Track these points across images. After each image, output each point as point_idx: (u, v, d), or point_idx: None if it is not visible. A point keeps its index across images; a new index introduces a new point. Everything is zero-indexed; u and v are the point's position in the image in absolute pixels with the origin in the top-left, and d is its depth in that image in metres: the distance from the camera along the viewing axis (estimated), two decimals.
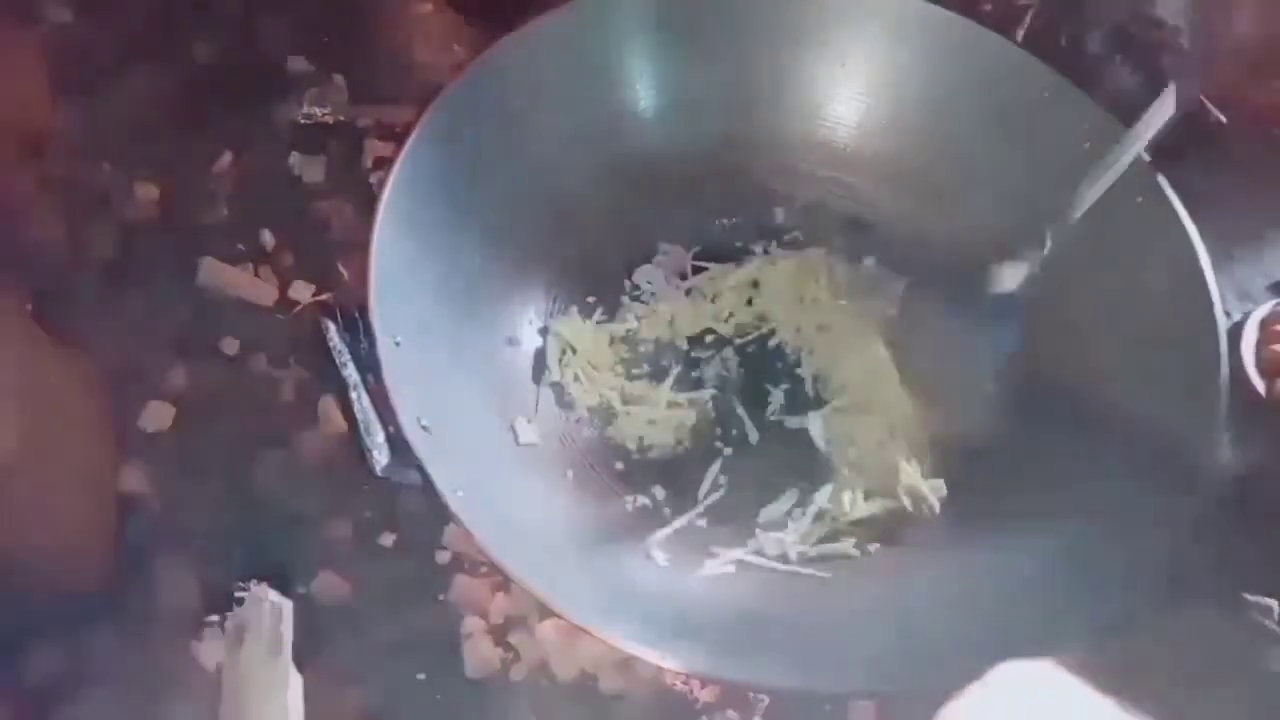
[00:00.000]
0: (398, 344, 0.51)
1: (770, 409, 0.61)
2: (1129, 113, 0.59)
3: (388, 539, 0.57)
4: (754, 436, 0.60)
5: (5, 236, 0.63)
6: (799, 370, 0.62)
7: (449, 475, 0.48)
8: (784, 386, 0.62)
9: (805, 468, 0.59)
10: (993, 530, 0.56)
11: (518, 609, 0.55)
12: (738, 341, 0.63)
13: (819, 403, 0.61)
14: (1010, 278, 0.56)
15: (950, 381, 0.61)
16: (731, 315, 0.63)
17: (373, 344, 0.51)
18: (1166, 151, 0.57)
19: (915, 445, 0.59)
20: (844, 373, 0.61)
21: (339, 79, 0.71)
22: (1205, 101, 0.54)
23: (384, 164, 0.66)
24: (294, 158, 0.67)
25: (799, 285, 0.63)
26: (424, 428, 0.49)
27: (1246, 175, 0.70)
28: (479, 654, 0.54)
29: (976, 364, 0.62)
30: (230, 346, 0.61)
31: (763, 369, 0.62)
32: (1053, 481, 0.56)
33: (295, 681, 0.51)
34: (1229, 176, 0.62)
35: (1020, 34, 0.72)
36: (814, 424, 0.60)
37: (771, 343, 0.63)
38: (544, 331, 0.61)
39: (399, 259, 0.54)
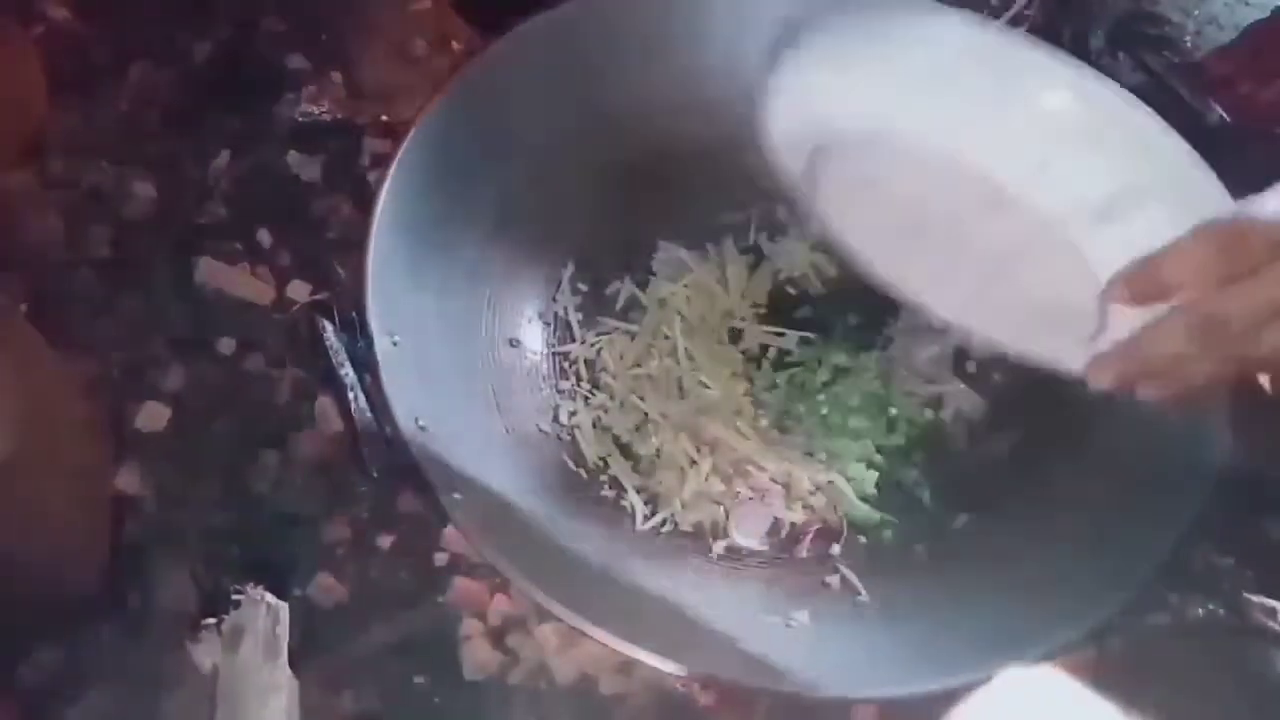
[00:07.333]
0: (395, 344, 0.51)
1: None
2: None
3: (385, 540, 0.56)
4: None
5: (2, 235, 0.62)
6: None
7: (447, 476, 0.48)
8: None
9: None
10: (992, 532, 0.56)
11: (516, 611, 0.55)
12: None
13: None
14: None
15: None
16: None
17: (370, 343, 0.51)
18: None
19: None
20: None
21: (337, 77, 0.70)
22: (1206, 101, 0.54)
23: (382, 162, 0.65)
24: (292, 156, 0.67)
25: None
26: (421, 428, 0.49)
27: (1246, 175, 0.69)
28: (477, 656, 0.53)
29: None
30: (227, 346, 0.61)
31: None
32: (1052, 482, 0.56)
33: (291, 684, 0.51)
34: (1229, 176, 0.62)
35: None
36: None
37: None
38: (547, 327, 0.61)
39: (396, 258, 0.54)
